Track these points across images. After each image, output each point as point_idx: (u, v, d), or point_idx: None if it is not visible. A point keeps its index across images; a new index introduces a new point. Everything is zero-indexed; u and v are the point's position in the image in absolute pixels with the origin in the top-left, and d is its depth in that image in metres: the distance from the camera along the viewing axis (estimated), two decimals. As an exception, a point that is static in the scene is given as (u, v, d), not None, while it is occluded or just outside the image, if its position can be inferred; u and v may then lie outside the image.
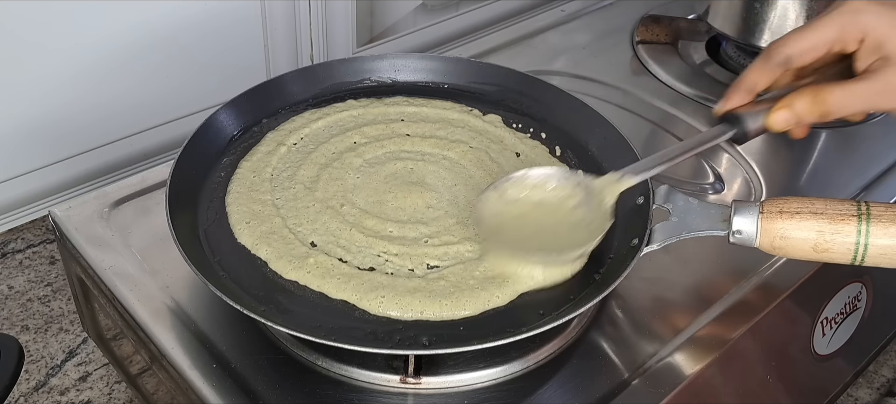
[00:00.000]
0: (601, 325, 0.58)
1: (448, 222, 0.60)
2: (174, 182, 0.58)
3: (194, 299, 0.57)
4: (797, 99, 0.53)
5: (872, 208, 0.50)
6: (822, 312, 0.68)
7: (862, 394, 0.78)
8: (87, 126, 0.79)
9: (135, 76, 0.79)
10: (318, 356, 0.54)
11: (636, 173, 0.57)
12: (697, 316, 0.59)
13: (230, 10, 0.82)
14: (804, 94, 0.53)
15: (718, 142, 0.58)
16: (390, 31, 0.97)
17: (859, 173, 0.75)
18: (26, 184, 0.78)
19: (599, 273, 0.57)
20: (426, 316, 0.53)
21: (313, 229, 0.59)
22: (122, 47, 0.77)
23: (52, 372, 0.70)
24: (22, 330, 0.73)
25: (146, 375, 0.62)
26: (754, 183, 0.72)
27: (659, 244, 0.55)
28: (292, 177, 0.63)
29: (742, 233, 0.53)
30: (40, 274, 0.79)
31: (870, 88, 0.51)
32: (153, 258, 0.61)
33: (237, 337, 0.55)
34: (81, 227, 0.63)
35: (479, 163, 0.66)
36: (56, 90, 0.75)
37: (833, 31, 0.52)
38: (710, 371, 0.56)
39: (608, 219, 0.57)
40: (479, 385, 0.53)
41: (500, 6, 1.06)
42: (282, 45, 0.88)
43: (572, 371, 0.55)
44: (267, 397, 0.51)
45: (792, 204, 0.52)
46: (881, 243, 0.49)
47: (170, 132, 0.84)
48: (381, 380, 0.53)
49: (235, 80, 0.74)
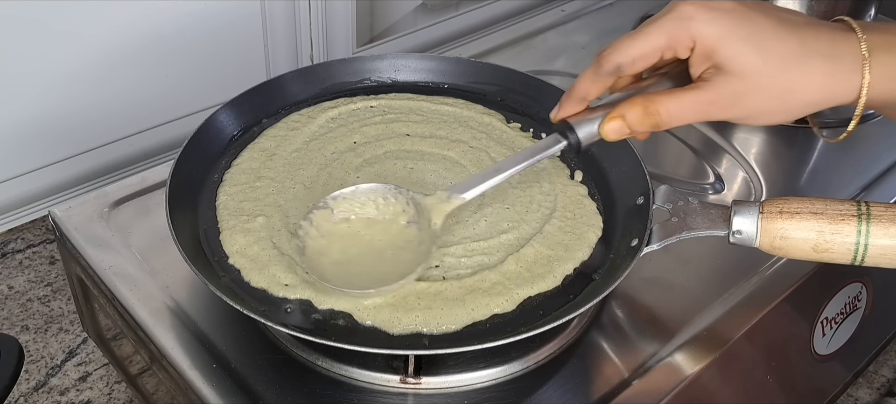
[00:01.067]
0: (601, 325, 0.58)
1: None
2: (174, 182, 0.58)
3: (194, 299, 0.57)
4: (629, 109, 0.50)
5: (872, 208, 0.50)
6: (822, 312, 0.68)
7: (862, 394, 0.78)
8: (87, 126, 0.78)
9: (135, 76, 0.79)
10: (318, 356, 0.54)
11: (464, 191, 0.55)
12: (697, 316, 0.59)
13: (230, 10, 0.82)
14: (636, 104, 0.50)
15: (552, 153, 0.55)
16: (390, 31, 0.97)
17: (859, 173, 0.75)
18: (26, 184, 0.78)
19: (599, 273, 0.57)
20: (429, 329, 0.53)
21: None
22: (122, 47, 0.77)
23: (52, 372, 0.70)
24: (22, 331, 0.73)
25: (146, 375, 0.62)
26: (754, 183, 0.72)
27: (659, 244, 0.55)
28: (292, 176, 0.63)
29: (742, 234, 0.53)
30: (40, 274, 0.79)
31: (700, 98, 0.48)
32: (153, 258, 0.61)
33: (237, 337, 0.55)
34: (81, 227, 0.63)
35: (479, 163, 0.66)
36: (56, 90, 0.75)
37: (662, 39, 0.49)
38: (710, 371, 0.56)
39: (435, 241, 0.55)
40: (479, 385, 0.53)
41: (500, 6, 1.06)
42: (282, 45, 0.88)
43: (572, 371, 0.55)
44: (267, 397, 0.51)
45: (792, 204, 0.52)
46: (881, 243, 0.49)
47: (170, 132, 0.84)
48: (381, 380, 0.53)
49: (235, 80, 0.73)
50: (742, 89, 0.47)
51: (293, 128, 0.68)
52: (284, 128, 0.68)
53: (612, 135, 0.51)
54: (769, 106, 0.48)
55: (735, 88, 0.47)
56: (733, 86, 0.47)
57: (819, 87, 0.47)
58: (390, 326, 0.52)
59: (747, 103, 0.48)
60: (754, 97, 0.47)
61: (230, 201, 0.61)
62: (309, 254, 0.54)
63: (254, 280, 0.55)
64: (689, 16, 0.48)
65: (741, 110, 0.48)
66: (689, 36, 0.48)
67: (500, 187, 0.58)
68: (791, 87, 0.47)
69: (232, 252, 0.57)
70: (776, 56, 0.47)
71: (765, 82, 0.47)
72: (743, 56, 0.47)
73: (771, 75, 0.47)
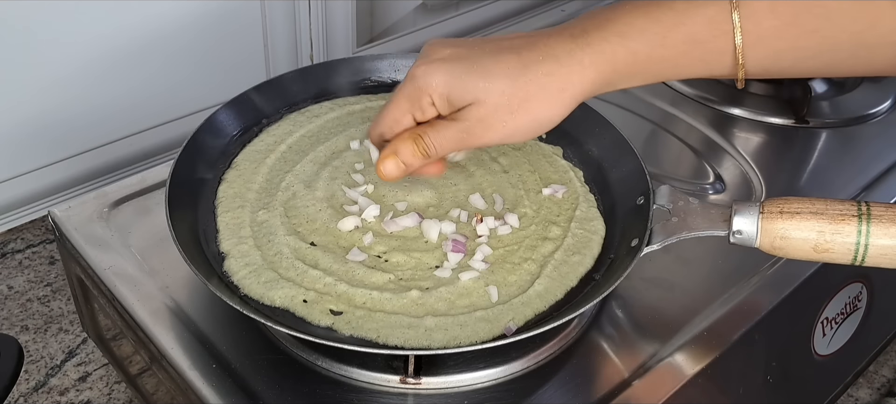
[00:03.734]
0: (601, 325, 0.58)
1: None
2: (174, 182, 0.58)
3: (194, 299, 0.57)
4: (401, 145, 0.54)
5: (873, 208, 0.50)
6: (823, 312, 0.68)
7: (862, 395, 0.78)
8: (87, 126, 0.78)
9: (135, 76, 0.79)
10: (317, 356, 0.54)
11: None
12: (697, 317, 0.59)
13: (230, 10, 0.82)
14: (407, 140, 0.54)
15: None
16: (390, 30, 0.97)
17: (859, 173, 0.75)
18: (26, 184, 0.78)
19: (599, 273, 0.57)
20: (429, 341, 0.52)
21: (313, 229, 0.59)
22: (122, 47, 0.77)
23: (52, 372, 0.70)
24: (21, 331, 0.73)
25: (146, 375, 0.61)
26: (754, 183, 0.72)
27: (659, 244, 0.55)
28: (292, 176, 0.63)
29: (742, 234, 0.53)
30: (40, 274, 0.79)
31: (458, 128, 0.52)
32: (153, 258, 0.60)
33: (237, 337, 0.55)
34: (81, 227, 0.63)
35: (479, 163, 0.66)
36: (56, 90, 0.75)
37: (404, 103, 0.53)
38: (710, 371, 0.56)
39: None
40: (479, 385, 0.53)
41: (500, 6, 1.06)
42: (282, 45, 0.88)
43: (572, 371, 0.55)
44: (267, 397, 0.51)
45: (792, 204, 0.52)
46: (881, 243, 0.49)
47: (170, 132, 0.84)
48: (381, 380, 0.53)
49: (235, 81, 0.73)
50: (485, 113, 0.51)
51: (293, 128, 0.68)
52: (284, 129, 0.68)
53: (389, 172, 0.54)
54: (519, 121, 0.51)
55: (479, 114, 0.51)
56: (477, 112, 0.51)
57: (550, 86, 0.50)
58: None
59: (497, 123, 0.51)
60: (500, 116, 0.51)
61: (230, 201, 0.61)
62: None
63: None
64: (415, 76, 0.52)
65: (497, 131, 0.52)
66: (423, 93, 0.52)
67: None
68: (525, 96, 0.51)
69: (231, 252, 0.57)
70: (500, 75, 0.50)
71: (501, 100, 0.51)
72: (471, 86, 0.51)
73: (502, 92, 0.50)
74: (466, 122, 0.52)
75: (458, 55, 0.52)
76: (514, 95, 0.51)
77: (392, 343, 0.51)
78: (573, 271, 0.57)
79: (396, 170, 0.54)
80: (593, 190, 0.64)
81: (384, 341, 0.51)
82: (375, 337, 0.51)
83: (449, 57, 0.52)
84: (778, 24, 0.48)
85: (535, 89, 0.50)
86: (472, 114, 0.51)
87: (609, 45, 0.50)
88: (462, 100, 0.51)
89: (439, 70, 0.51)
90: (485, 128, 0.52)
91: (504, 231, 0.59)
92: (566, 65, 0.50)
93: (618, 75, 0.51)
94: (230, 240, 0.57)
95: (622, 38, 0.50)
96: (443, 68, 0.52)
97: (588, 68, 0.50)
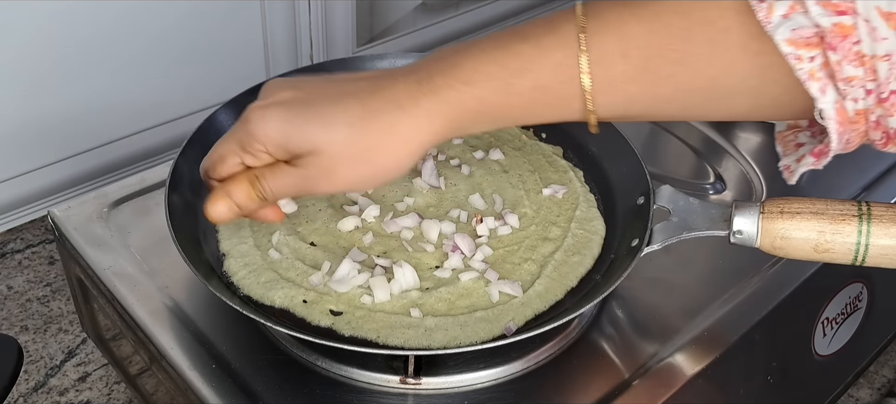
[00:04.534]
0: (601, 325, 0.58)
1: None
2: (173, 182, 0.58)
3: (193, 299, 0.57)
4: (235, 187, 0.50)
5: (873, 208, 0.50)
6: (823, 312, 0.68)
7: (862, 395, 0.77)
8: (86, 126, 0.78)
9: (135, 76, 0.79)
10: (317, 356, 0.54)
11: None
12: (697, 317, 0.59)
13: (230, 10, 0.82)
14: (241, 181, 0.50)
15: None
16: (390, 30, 0.97)
17: (860, 173, 0.75)
18: (26, 184, 0.78)
19: (600, 273, 0.57)
20: (431, 342, 0.52)
21: (313, 229, 0.59)
22: (122, 47, 0.77)
23: (52, 372, 0.70)
24: (21, 331, 0.73)
25: (145, 375, 0.61)
26: (755, 183, 0.72)
27: (659, 244, 0.55)
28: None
29: (743, 234, 0.53)
30: (39, 274, 0.79)
31: (298, 174, 0.48)
32: (152, 258, 0.60)
33: (237, 337, 0.55)
34: (80, 227, 0.63)
35: (479, 163, 0.66)
36: (56, 90, 0.75)
37: (233, 145, 0.49)
38: (710, 371, 0.56)
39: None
40: (479, 385, 0.53)
41: (500, 6, 1.06)
42: (282, 45, 0.88)
43: (572, 371, 0.55)
44: (267, 397, 0.51)
45: (793, 204, 0.52)
46: (882, 243, 0.49)
47: (170, 132, 0.84)
48: (381, 381, 0.53)
49: (235, 80, 0.73)
50: (328, 163, 0.47)
51: (293, 128, 0.68)
52: (284, 128, 0.68)
53: (219, 215, 0.50)
54: (363, 171, 0.48)
55: (321, 164, 0.47)
56: (319, 162, 0.47)
57: (395, 136, 0.47)
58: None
59: (341, 174, 0.48)
60: (344, 166, 0.48)
61: (230, 201, 0.61)
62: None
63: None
64: (248, 120, 0.48)
65: (340, 181, 0.49)
66: (254, 139, 0.48)
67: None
68: (368, 146, 0.47)
69: (231, 252, 0.57)
70: (342, 124, 0.47)
71: (345, 151, 0.47)
72: (311, 135, 0.47)
73: (345, 142, 0.47)
74: (307, 170, 0.48)
75: (296, 100, 0.48)
76: (356, 145, 0.47)
77: (392, 343, 0.51)
78: (573, 271, 0.57)
79: (228, 214, 0.50)
80: (593, 190, 0.64)
81: (384, 341, 0.51)
82: (375, 337, 0.51)
83: (288, 101, 0.48)
84: (629, 69, 0.45)
85: (378, 139, 0.47)
86: (313, 162, 0.48)
87: (455, 93, 0.46)
88: (301, 148, 0.48)
89: (275, 117, 0.48)
90: (327, 178, 0.48)
91: (504, 231, 0.59)
92: (411, 114, 0.47)
93: (466, 122, 0.48)
94: (230, 241, 0.57)
95: (468, 85, 0.46)
96: (278, 115, 0.48)
97: (433, 117, 0.47)
